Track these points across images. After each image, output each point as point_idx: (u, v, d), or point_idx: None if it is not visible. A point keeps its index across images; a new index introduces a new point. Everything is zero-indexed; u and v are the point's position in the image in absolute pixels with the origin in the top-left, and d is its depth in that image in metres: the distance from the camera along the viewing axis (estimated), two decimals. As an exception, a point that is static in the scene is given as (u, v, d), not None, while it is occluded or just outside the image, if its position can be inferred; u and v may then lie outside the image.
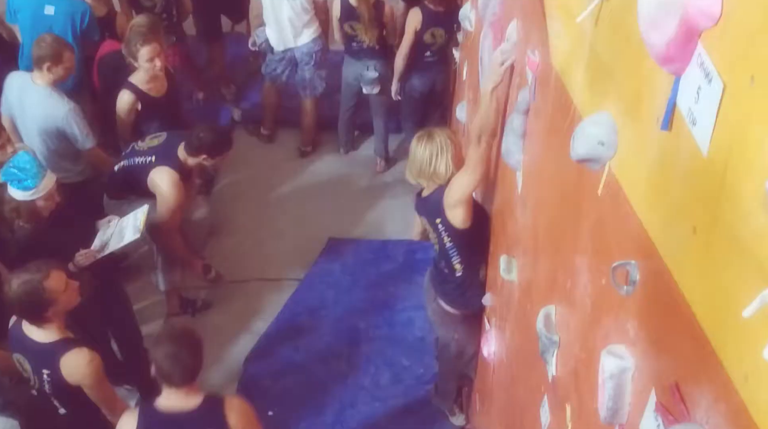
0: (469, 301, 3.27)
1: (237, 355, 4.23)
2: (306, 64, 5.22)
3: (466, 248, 3.11)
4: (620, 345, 1.37)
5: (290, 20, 5.02)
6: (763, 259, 0.87)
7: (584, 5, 1.52)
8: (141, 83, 4.13)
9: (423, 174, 3.06)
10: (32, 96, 3.91)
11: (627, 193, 1.36)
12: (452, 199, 2.95)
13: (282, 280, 4.69)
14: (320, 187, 5.42)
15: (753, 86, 0.91)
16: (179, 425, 2.59)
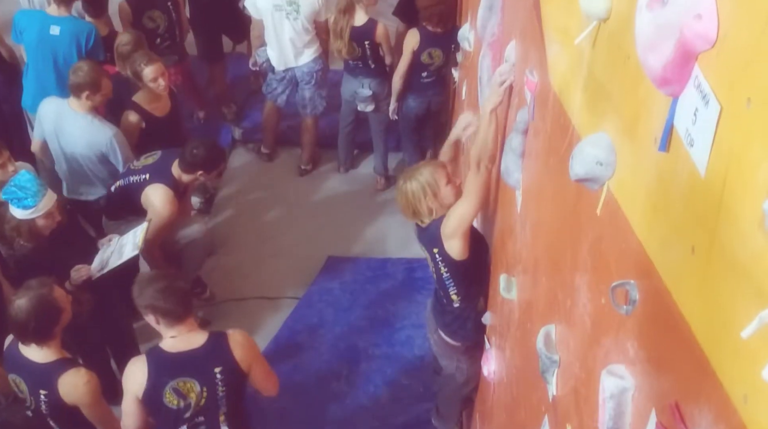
0: (469, 333, 3.25)
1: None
2: (306, 83, 5.26)
3: (464, 280, 3.08)
4: (620, 365, 1.37)
5: (291, 40, 5.07)
6: (760, 279, 0.88)
7: (582, 27, 1.54)
8: (145, 103, 4.18)
9: (416, 214, 3.05)
10: (72, 123, 4.01)
11: (626, 212, 1.37)
12: (449, 229, 2.91)
13: (281, 298, 4.68)
14: (320, 206, 5.43)
15: (749, 108, 0.92)
16: (189, 363, 2.64)
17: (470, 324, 3.22)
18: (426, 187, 2.95)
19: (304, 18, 4.98)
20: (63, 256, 3.33)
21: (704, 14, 1.00)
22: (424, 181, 2.96)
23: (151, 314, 2.61)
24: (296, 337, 4.44)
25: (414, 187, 2.97)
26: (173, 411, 2.66)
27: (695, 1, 1.01)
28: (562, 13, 1.82)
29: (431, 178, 2.96)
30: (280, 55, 5.17)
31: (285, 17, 4.98)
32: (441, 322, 3.31)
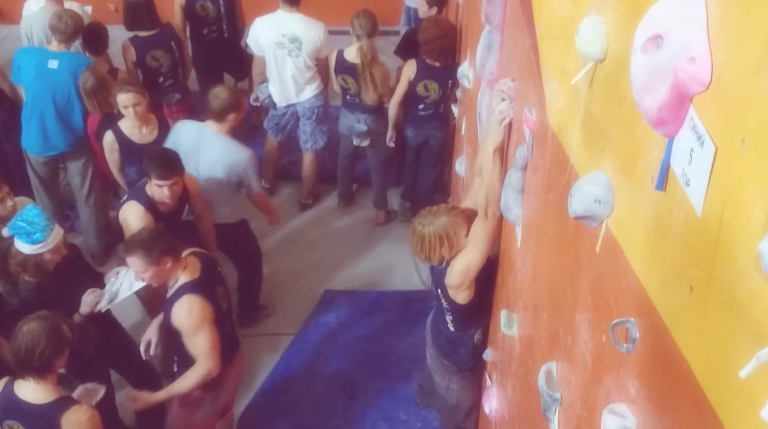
0: (461, 359, 3.24)
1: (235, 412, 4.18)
2: (308, 118, 5.32)
3: (463, 315, 3.08)
4: (621, 404, 1.36)
5: (293, 77, 5.15)
6: (758, 319, 0.88)
7: (579, 67, 1.57)
8: (126, 128, 4.28)
9: (420, 255, 2.99)
10: (213, 145, 4.15)
11: (625, 250, 1.38)
12: (455, 283, 2.89)
13: (280, 335, 4.66)
14: (319, 240, 5.44)
15: (744, 149, 0.94)
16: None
17: (462, 350, 3.20)
18: (444, 236, 2.86)
19: (306, 55, 5.06)
20: (68, 291, 3.32)
21: (698, 57, 1.03)
22: (443, 229, 2.86)
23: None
24: (293, 372, 4.41)
25: (431, 232, 2.87)
26: None
27: (689, 44, 1.03)
28: (560, 54, 1.85)
29: (450, 229, 2.86)
30: (282, 91, 5.23)
31: (287, 54, 5.06)
32: (435, 341, 3.31)
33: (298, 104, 5.29)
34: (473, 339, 3.17)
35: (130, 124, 4.27)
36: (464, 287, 2.91)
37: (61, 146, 4.76)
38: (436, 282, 3.08)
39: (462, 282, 2.89)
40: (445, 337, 3.21)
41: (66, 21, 4.65)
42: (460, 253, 2.88)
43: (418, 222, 2.96)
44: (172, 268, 3.16)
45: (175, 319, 3.13)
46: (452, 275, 2.89)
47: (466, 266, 2.85)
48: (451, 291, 2.95)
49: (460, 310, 3.03)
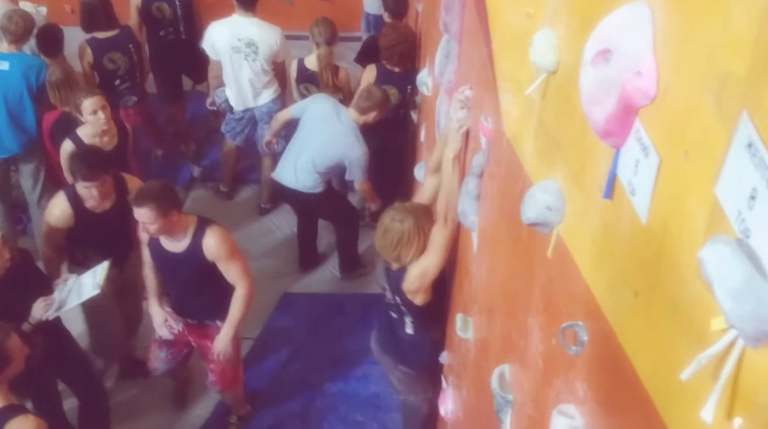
0: (426, 357, 3.23)
1: (193, 418, 4.13)
2: (265, 123, 5.30)
3: (422, 315, 3.09)
4: (570, 405, 1.40)
5: (250, 81, 5.12)
6: (699, 323, 0.92)
7: (533, 78, 1.61)
8: (86, 136, 4.14)
9: (387, 255, 2.95)
10: (345, 129, 4.44)
11: (574, 256, 1.42)
12: (413, 287, 2.90)
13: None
14: (278, 243, 5.42)
15: (687, 161, 0.98)
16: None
17: (426, 351, 3.20)
18: (413, 232, 2.82)
19: (262, 59, 5.04)
20: (17, 298, 3.24)
21: (644, 71, 1.07)
22: (411, 225, 2.82)
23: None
24: (251, 377, 4.36)
25: (408, 227, 2.81)
26: None
27: (636, 58, 1.08)
28: (515, 64, 1.90)
29: (416, 225, 2.82)
30: (239, 95, 5.20)
31: (243, 59, 5.04)
32: (398, 355, 3.28)
33: (256, 108, 5.26)
34: (433, 339, 3.19)
35: (90, 132, 4.13)
36: (422, 291, 2.93)
37: (13, 148, 4.64)
38: (393, 287, 3.08)
39: (419, 287, 2.91)
40: (407, 344, 3.21)
41: (16, 21, 4.54)
42: (415, 261, 2.89)
43: (390, 217, 2.88)
44: (177, 222, 3.32)
45: (208, 251, 3.37)
46: (410, 280, 2.90)
47: (424, 270, 2.86)
48: (409, 295, 2.96)
49: (419, 312, 3.05)
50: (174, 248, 3.42)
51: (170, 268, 3.50)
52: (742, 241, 0.80)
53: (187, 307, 3.63)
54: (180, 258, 3.40)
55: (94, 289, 3.39)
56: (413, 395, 3.44)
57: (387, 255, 2.95)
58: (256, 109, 5.27)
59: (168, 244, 3.43)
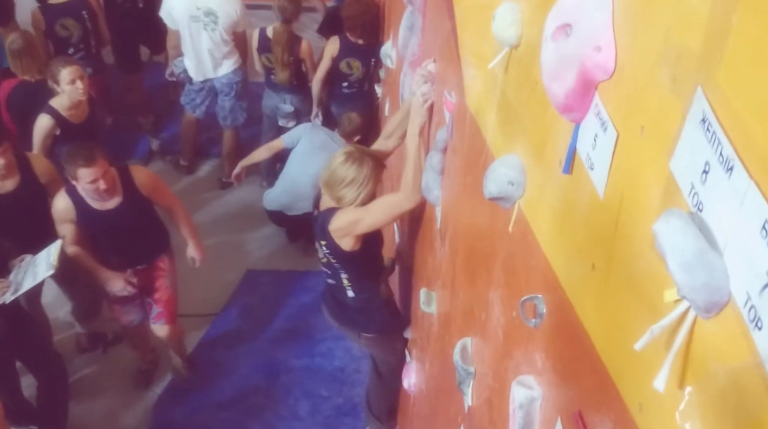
0: (383, 323, 3.18)
1: (149, 395, 4.10)
2: (226, 94, 5.22)
3: (354, 268, 3.00)
4: (529, 375, 1.43)
5: (210, 51, 5.02)
6: (652, 295, 0.95)
7: (495, 52, 1.61)
8: (62, 109, 4.04)
9: (329, 188, 2.85)
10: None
11: (534, 230, 1.44)
12: (338, 225, 2.81)
13: (200, 316, 4.59)
14: (241, 219, 5.36)
15: (643, 136, 1.00)
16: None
17: (378, 314, 3.13)
18: (367, 179, 2.78)
19: (222, 29, 4.94)
20: None
21: (603, 47, 1.08)
22: (370, 173, 2.78)
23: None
24: (213, 352, 4.37)
25: (355, 170, 2.77)
26: None
27: (595, 34, 1.08)
28: (477, 39, 1.90)
29: (372, 174, 2.79)
30: (198, 65, 5.10)
31: (203, 28, 4.92)
32: (352, 323, 3.22)
33: (216, 79, 5.16)
34: (380, 297, 3.10)
35: (67, 104, 4.02)
36: (349, 236, 2.84)
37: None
38: (318, 229, 2.94)
39: (347, 231, 2.82)
40: (355, 310, 3.15)
41: None
42: (354, 208, 2.81)
43: (344, 156, 2.82)
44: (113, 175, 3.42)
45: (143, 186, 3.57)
46: (339, 219, 2.80)
47: (357, 220, 2.79)
48: (334, 234, 2.84)
49: (349, 261, 2.94)
50: (107, 205, 3.46)
51: (111, 226, 3.50)
52: (695, 215, 0.82)
53: (135, 256, 3.67)
54: (118, 210, 3.46)
55: (48, 269, 3.32)
56: (383, 354, 3.43)
57: (329, 191, 2.86)
58: (216, 80, 5.17)
59: (99, 205, 3.45)
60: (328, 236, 2.87)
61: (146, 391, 4.13)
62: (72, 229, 3.49)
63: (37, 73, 4.26)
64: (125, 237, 3.58)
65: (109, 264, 3.58)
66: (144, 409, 4.02)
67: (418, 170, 2.66)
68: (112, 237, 3.56)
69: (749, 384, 0.73)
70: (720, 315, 0.79)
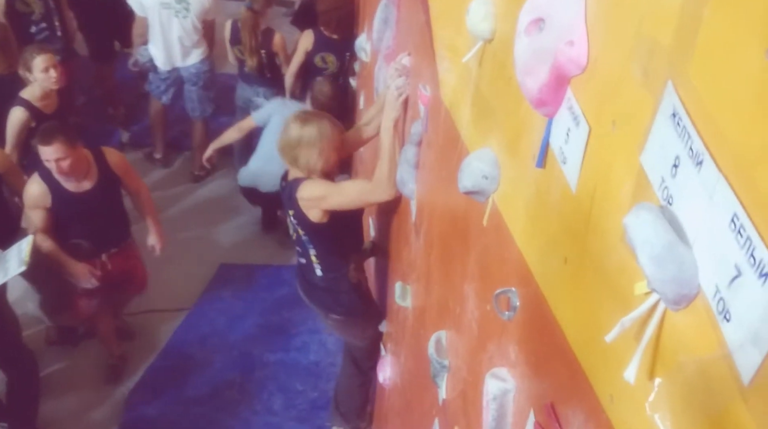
0: (351, 307, 3.14)
1: (121, 389, 4.06)
2: (193, 84, 5.16)
3: (322, 242, 2.97)
4: (503, 368, 1.44)
5: (180, 39, 4.95)
6: (623, 288, 0.96)
7: (469, 46, 1.61)
8: (34, 99, 3.97)
9: (285, 153, 2.82)
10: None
11: (508, 224, 1.45)
12: (306, 194, 2.78)
13: (172, 310, 4.55)
14: (214, 213, 5.32)
15: (614, 130, 1.00)
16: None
17: (345, 297, 3.10)
18: (322, 139, 2.73)
19: (194, 16, 4.88)
20: None
21: (576, 41, 1.08)
22: (323, 132, 2.73)
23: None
24: (186, 348, 4.33)
25: (310, 133, 2.73)
26: None
27: (568, 28, 1.09)
28: (451, 32, 1.90)
29: (329, 134, 2.74)
30: (166, 54, 5.03)
31: (174, 15, 4.86)
32: (319, 303, 3.20)
33: (183, 69, 5.09)
34: (348, 280, 3.06)
35: (39, 94, 3.95)
36: (317, 208, 2.81)
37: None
38: (286, 199, 2.91)
39: (313, 202, 2.79)
40: (321, 290, 3.12)
41: None
42: (323, 182, 2.79)
43: (297, 120, 2.79)
44: (83, 155, 3.39)
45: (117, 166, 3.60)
46: (306, 189, 2.77)
47: (324, 195, 2.76)
48: (302, 202, 2.80)
49: (317, 233, 2.90)
50: (83, 187, 3.45)
51: (86, 208, 3.48)
52: (665, 208, 0.83)
53: (108, 239, 3.68)
54: (94, 191, 3.47)
55: (19, 266, 3.25)
56: (351, 338, 3.43)
57: (285, 155, 2.84)
58: (183, 69, 5.10)
59: (74, 186, 3.43)
60: (295, 204, 2.83)
61: (117, 386, 4.09)
62: (42, 216, 3.44)
63: (8, 66, 4.17)
64: (99, 219, 3.56)
65: (81, 250, 3.55)
66: (115, 404, 3.98)
67: (392, 164, 2.65)
68: (86, 219, 3.53)
69: (717, 375, 0.75)
70: (689, 307, 0.80)
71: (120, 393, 4.04)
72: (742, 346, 0.70)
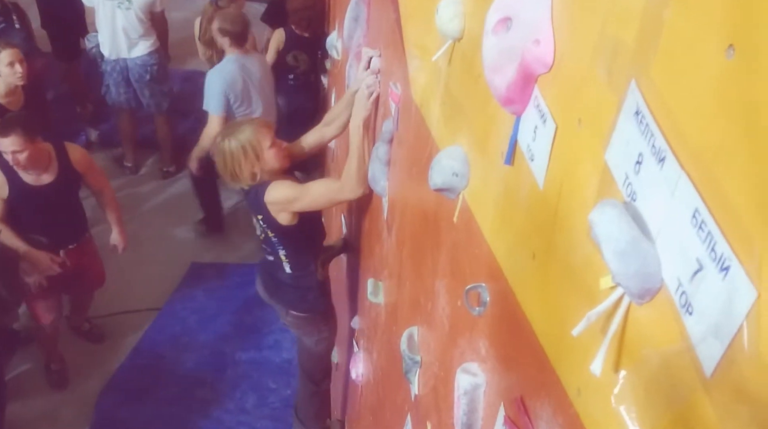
0: (315, 304, 3.15)
1: (92, 391, 4.01)
2: (140, 77, 5.09)
3: (292, 243, 2.97)
4: (473, 363, 1.46)
5: (125, 30, 4.90)
6: (589, 282, 0.97)
7: (439, 45, 1.62)
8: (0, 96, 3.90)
9: (226, 176, 2.81)
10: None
11: (478, 220, 1.46)
12: (273, 198, 2.76)
13: (143, 310, 4.50)
14: (184, 211, 5.27)
15: (580, 128, 1.02)
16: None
17: (311, 294, 3.11)
18: (248, 147, 2.71)
19: (137, 8, 4.83)
20: None
21: (542, 40, 1.10)
22: (245, 140, 2.71)
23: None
24: (157, 347, 4.29)
25: (234, 146, 2.72)
26: None
27: (535, 27, 1.10)
28: (421, 31, 1.90)
29: (254, 138, 2.72)
30: (112, 43, 4.97)
31: (116, 6, 4.81)
32: (283, 299, 3.20)
33: (129, 60, 5.02)
34: (315, 277, 3.07)
35: (4, 90, 3.88)
36: (284, 211, 2.81)
37: None
38: (253, 206, 2.89)
39: (281, 206, 2.79)
40: (288, 286, 3.11)
41: None
42: (289, 184, 2.79)
43: (219, 138, 2.80)
44: (43, 148, 3.36)
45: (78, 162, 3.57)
46: (273, 192, 2.76)
47: (292, 198, 2.76)
48: (270, 207, 2.79)
49: (288, 236, 2.90)
50: (42, 181, 3.41)
51: (45, 203, 3.45)
52: (629, 204, 0.85)
53: (65, 234, 3.65)
54: (53, 186, 3.44)
55: None
56: (307, 337, 3.41)
57: (226, 178, 2.86)
58: (129, 60, 5.03)
59: (33, 179, 3.39)
60: (264, 209, 2.82)
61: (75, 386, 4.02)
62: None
63: None
64: (57, 214, 3.53)
65: (40, 246, 3.52)
66: (85, 406, 3.93)
67: (361, 163, 2.65)
68: (43, 213, 3.49)
69: (680, 367, 0.76)
70: (653, 301, 0.82)
71: (90, 393, 3.99)
72: (704, 338, 0.72)
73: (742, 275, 0.66)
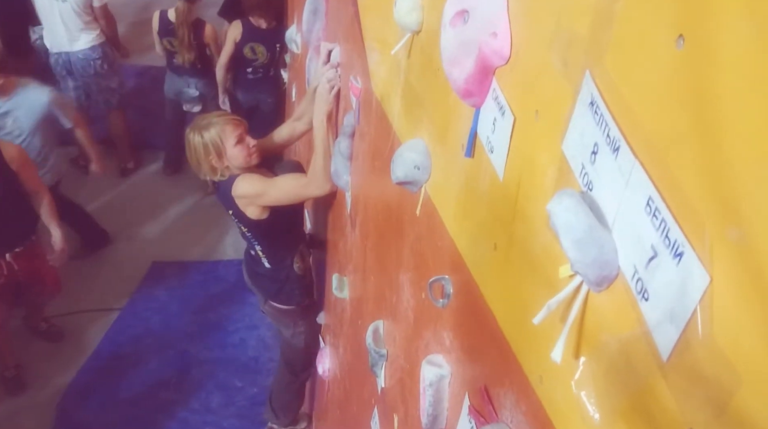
0: (291, 296, 3.16)
1: (52, 395, 3.92)
2: (84, 71, 4.97)
3: (266, 237, 2.98)
4: (438, 354, 1.47)
5: (63, 22, 4.77)
6: (549, 271, 0.99)
7: (398, 38, 1.62)
8: None
9: (193, 165, 2.85)
10: None
11: (440, 213, 1.47)
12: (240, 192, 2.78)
13: (103, 310, 4.42)
14: (145, 209, 5.19)
15: (537, 120, 1.03)
16: None
17: (288, 286, 3.12)
18: (210, 145, 2.76)
19: (73, 2, 4.72)
20: None
21: (499, 33, 1.11)
22: (209, 138, 2.76)
23: None
24: (119, 348, 4.22)
25: (197, 142, 2.78)
26: None
27: (492, 20, 1.11)
28: (380, 24, 1.90)
29: (217, 138, 2.76)
30: (52, 36, 4.84)
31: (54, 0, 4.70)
32: (262, 289, 3.21)
33: (72, 54, 4.88)
34: (294, 270, 3.09)
35: None
36: (252, 205, 2.82)
37: None
38: (223, 201, 2.92)
39: (249, 200, 2.80)
40: (267, 279, 3.13)
41: None
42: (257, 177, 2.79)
43: (189, 130, 2.85)
44: None
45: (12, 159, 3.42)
46: (240, 186, 2.78)
47: (259, 193, 2.77)
48: (238, 201, 2.82)
49: (259, 230, 2.91)
50: None
51: None
52: (586, 194, 0.86)
53: (9, 237, 3.50)
54: None
55: None
56: (284, 328, 3.41)
57: (193, 166, 2.88)
58: (71, 54, 4.89)
59: None
60: (232, 203, 2.84)
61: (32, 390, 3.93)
62: None
63: None
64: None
65: None
66: (46, 409, 3.84)
67: (326, 158, 2.64)
68: None
69: (637, 352, 0.78)
70: (610, 288, 0.83)
71: (52, 396, 3.91)
72: (659, 323, 0.73)
73: (695, 261, 0.67)
